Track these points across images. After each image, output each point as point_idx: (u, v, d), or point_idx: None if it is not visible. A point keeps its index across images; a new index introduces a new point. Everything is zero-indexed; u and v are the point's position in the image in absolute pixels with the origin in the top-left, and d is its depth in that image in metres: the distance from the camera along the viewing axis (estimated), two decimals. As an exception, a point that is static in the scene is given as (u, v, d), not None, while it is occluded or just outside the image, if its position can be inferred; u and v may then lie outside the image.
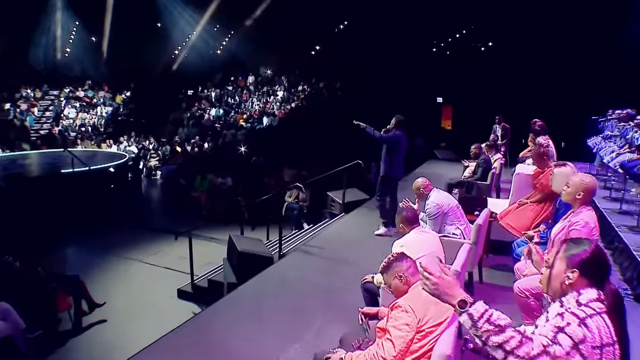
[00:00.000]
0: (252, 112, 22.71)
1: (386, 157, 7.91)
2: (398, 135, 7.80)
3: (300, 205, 11.87)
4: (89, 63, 27.09)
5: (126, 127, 22.21)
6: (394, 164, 7.91)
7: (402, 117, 8.01)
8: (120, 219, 12.42)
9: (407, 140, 8.11)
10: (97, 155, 16.58)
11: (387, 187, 8.08)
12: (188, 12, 27.05)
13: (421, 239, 4.54)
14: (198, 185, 13.35)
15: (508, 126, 12.86)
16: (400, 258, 3.37)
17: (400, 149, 7.92)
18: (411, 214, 4.69)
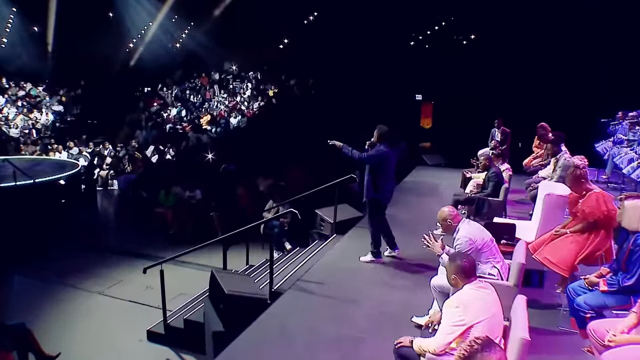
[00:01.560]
0: (218, 113, 21.72)
1: (369, 178, 7.22)
2: (382, 152, 7.10)
3: (281, 222, 11.07)
4: (31, 56, 25.57)
5: (76, 130, 20.92)
6: (379, 186, 7.21)
7: (386, 128, 7.29)
8: (73, 240, 11.40)
9: (395, 156, 7.42)
10: (43, 164, 15.31)
11: (374, 212, 7.38)
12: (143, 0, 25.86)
13: (480, 297, 3.82)
14: (162, 200, 12.37)
15: (508, 130, 12.34)
16: (487, 347, 2.61)
17: (387, 168, 7.24)
18: (468, 264, 3.97)
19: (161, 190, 12.42)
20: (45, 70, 25.55)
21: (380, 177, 7.15)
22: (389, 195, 7.41)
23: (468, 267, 3.95)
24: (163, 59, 26.30)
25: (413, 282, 6.78)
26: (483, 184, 8.96)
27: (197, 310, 7.40)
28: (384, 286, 6.73)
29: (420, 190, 12.07)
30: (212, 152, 15.65)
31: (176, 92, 24.07)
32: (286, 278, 7.15)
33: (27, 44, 25.45)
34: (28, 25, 26.10)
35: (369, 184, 7.20)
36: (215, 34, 25.96)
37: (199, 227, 11.73)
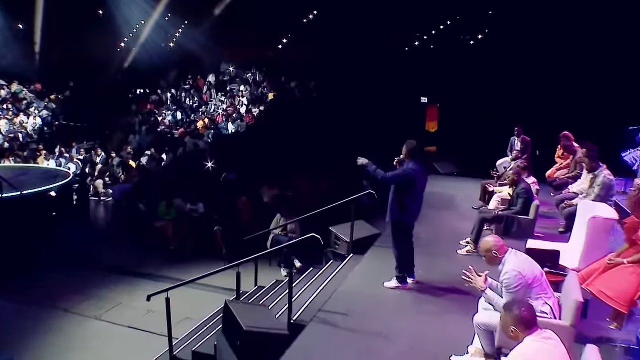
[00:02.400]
0: (215, 117, 21.31)
1: (395, 197, 6.86)
2: (410, 171, 6.74)
3: (290, 237, 10.69)
4: (16, 56, 25.07)
5: (65, 135, 20.45)
6: (405, 206, 6.85)
7: (415, 143, 6.95)
8: (65, 258, 10.95)
9: (425, 173, 7.06)
10: (31, 173, 14.83)
11: (399, 234, 7.01)
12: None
13: (546, 350, 3.45)
14: (162, 213, 11.95)
15: (529, 139, 12.01)
16: None
17: (415, 188, 6.87)
18: (528, 313, 3.60)
19: (161, 203, 11.99)
20: (31, 71, 25.07)
21: (407, 197, 6.80)
22: (416, 214, 7.06)
23: (528, 317, 3.60)
24: (156, 60, 25.89)
25: (444, 310, 6.46)
26: (511, 201, 8.60)
27: (206, 340, 6.98)
28: (413, 316, 6.39)
29: (435, 203, 11.62)
30: (211, 160, 15.19)
31: (171, 94, 23.57)
32: (305, 306, 6.75)
33: (11, 43, 24.94)
34: (13, 23, 25.62)
35: (394, 204, 6.84)
36: (211, 33, 25.61)
37: (201, 243, 11.35)
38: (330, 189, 13.92)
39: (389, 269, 7.32)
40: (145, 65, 24.81)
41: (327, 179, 14.61)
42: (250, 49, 25.90)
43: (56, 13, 24.07)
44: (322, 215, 10.79)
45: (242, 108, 21.62)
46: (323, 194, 13.52)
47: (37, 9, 23.10)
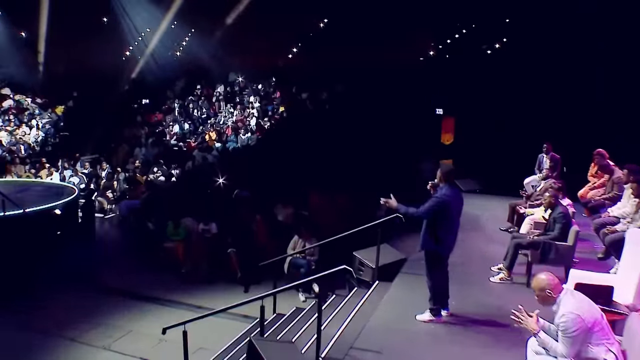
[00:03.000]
0: (224, 129, 21.10)
1: (428, 228, 6.57)
2: (444, 199, 6.46)
3: (308, 260, 10.42)
4: (18, 64, 25.00)
5: (69, 147, 20.25)
6: (440, 237, 6.56)
7: (451, 167, 6.77)
8: (71, 280, 10.69)
9: (460, 199, 6.78)
10: (33, 188, 14.63)
11: (435, 266, 6.74)
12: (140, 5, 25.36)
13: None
14: (171, 233, 11.67)
15: (558, 157, 11.73)
16: None
17: (450, 216, 6.58)
18: None
19: (169, 223, 11.72)
20: (34, 80, 25.00)
21: (442, 227, 6.52)
22: (452, 245, 6.77)
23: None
24: (162, 69, 25.82)
25: (481, 345, 6.21)
26: (547, 225, 8.28)
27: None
28: (450, 353, 6.09)
29: (464, 225, 11.35)
30: (222, 176, 14.93)
31: (178, 105, 23.39)
32: (333, 341, 6.45)
33: (13, 52, 24.87)
34: (15, 31, 25.57)
35: (427, 235, 6.56)
36: (219, 42, 25.53)
37: (215, 265, 11.07)
38: (347, 205, 13.69)
39: (419, 299, 7.05)
40: (151, 74, 24.70)
41: (343, 194, 14.35)
42: (260, 58, 25.77)
43: (59, 21, 23.99)
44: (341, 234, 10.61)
45: (252, 120, 21.37)
46: (340, 211, 13.29)
47: (41, 17, 22.96)
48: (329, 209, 13.42)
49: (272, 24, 24.82)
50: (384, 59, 23.10)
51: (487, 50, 25.36)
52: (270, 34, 25.16)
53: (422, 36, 25.00)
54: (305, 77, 24.33)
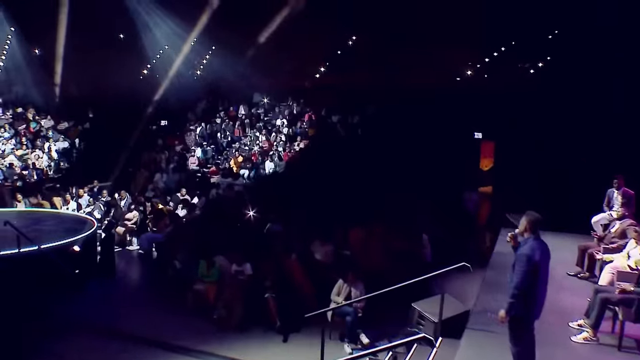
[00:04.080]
0: (250, 154, 20.66)
1: (517, 289, 5.92)
2: (534, 253, 5.85)
3: (355, 308, 9.77)
4: (31, 83, 24.92)
5: (84, 173, 19.87)
6: (530, 300, 5.93)
7: (538, 215, 6.07)
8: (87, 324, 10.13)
9: (547, 253, 6.12)
10: (48, 220, 14.17)
11: (523, 332, 6.08)
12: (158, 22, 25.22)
13: None
14: (203, 273, 11.07)
15: (632, 192, 10.97)
16: None
17: (540, 273, 5.93)
18: None
19: (201, 262, 11.14)
20: (48, 100, 24.84)
21: (533, 289, 5.88)
22: (542, 307, 6.11)
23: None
24: (183, 89, 25.56)
25: None
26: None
27: None
28: None
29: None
30: (252, 208, 14.40)
31: (201, 128, 23.04)
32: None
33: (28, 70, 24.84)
34: (29, 48, 25.56)
35: (516, 298, 5.89)
36: (243, 60, 25.23)
37: (250, 311, 10.45)
38: (389, 239, 13.08)
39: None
40: (170, 94, 24.44)
41: (383, 227, 13.76)
42: (286, 78, 25.49)
43: (76, 39, 23.94)
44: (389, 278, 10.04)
45: (280, 145, 20.92)
46: (384, 247, 12.67)
47: (58, 35, 22.83)
48: (371, 245, 12.79)
49: (299, 41, 24.61)
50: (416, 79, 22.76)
51: (530, 70, 24.89)
52: (297, 52, 24.92)
53: (458, 54, 24.59)
54: (335, 98, 23.96)
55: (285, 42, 24.50)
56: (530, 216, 6.06)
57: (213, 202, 16.83)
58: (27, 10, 22.77)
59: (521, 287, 5.81)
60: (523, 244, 5.99)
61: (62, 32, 23.05)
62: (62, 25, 22.83)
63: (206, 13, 23.65)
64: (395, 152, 18.61)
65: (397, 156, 18.30)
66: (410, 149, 18.62)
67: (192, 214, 15.44)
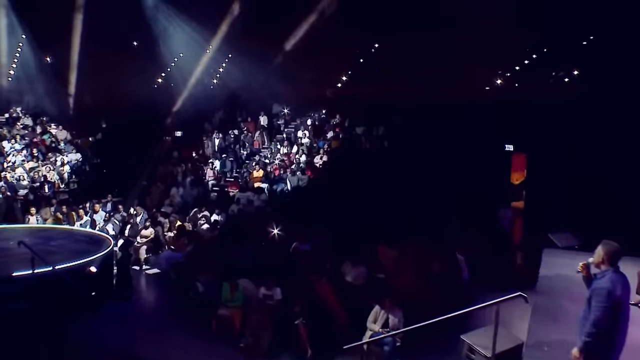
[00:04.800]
0: (272, 167, 20.28)
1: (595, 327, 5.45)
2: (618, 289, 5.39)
3: (393, 337, 9.31)
4: (43, 92, 24.83)
5: (98, 186, 19.63)
6: (607, 338, 5.44)
7: (616, 246, 5.56)
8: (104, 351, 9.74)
9: (627, 287, 5.64)
10: (61, 237, 13.82)
11: None
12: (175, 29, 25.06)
13: None
14: (226, 297, 10.65)
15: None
16: None
17: (622, 309, 5.46)
18: None
19: (225, 284, 10.72)
20: (60, 110, 24.73)
21: (614, 328, 5.39)
22: (622, 346, 5.61)
23: None
24: (199, 98, 25.34)
25: None
26: None
27: None
28: None
29: (575, 294, 10.10)
30: (277, 225, 13.97)
31: (219, 140, 22.72)
32: None
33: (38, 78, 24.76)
34: (41, 56, 25.52)
35: (595, 339, 5.41)
36: (261, 68, 24.96)
37: (279, 338, 10.03)
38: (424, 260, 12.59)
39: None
40: (188, 104, 24.25)
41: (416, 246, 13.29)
42: (308, 87, 25.20)
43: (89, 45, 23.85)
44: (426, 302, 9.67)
45: (302, 157, 20.53)
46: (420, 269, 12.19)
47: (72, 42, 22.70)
48: (405, 266, 12.31)
49: (321, 50, 24.35)
50: (443, 88, 22.39)
51: (564, 78, 24.43)
52: (319, 61, 24.63)
53: (487, 62, 24.19)
54: (358, 109, 23.60)
55: (307, 50, 24.24)
56: (608, 246, 5.58)
57: (233, 218, 16.42)
58: (40, 17, 22.66)
59: (601, 325, 5.33)
60: (600, 277, 5.53)
61: (77, 40, 22.92)
62: (76, 33, 22.71)
63: (226, 20, 23.43)
64: (423, 166, 18.19)
65: (425, 170, 17.89)
66: (438, 162, 18.21)
67: (213, 231, 15.02)
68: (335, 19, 23.03)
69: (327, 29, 23.48)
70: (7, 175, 19.91)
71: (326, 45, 24.46)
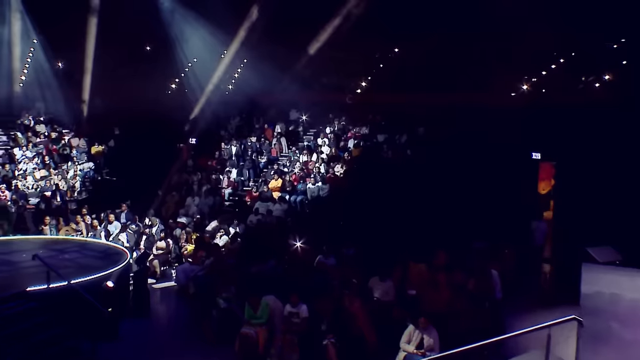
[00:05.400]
0: (290, 176, 19.96)
1: None
2: None
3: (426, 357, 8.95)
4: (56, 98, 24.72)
5: (111, 195, 19.40)
6: None
7: None
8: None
9: None
10: (76, 249, 13.61)
11: None
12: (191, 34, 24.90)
13: None
14: (251, 315, 10.27)
15: None
16: None
17: None
18: None
19: (248, 301, 10.36)
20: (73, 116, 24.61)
21: None
22: None
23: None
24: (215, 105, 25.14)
25: None
26: None
27: None
28: None
29: (623, 316, 9.65)
30: (300, 238, 13.63)
31: (236, 147, 22.44)
32: None
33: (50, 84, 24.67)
34: (53, 61, 25.43)
35: None
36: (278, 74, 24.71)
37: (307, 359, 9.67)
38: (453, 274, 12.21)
39: None
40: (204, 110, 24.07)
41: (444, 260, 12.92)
42: (326, 93, 24.93)
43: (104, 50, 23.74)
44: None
45: (322, 166, 20.20)
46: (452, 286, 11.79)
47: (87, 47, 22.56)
48: (436, 282, 11.90)
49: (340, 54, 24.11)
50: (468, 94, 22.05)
51: (595, 83, 23.96)
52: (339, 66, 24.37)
53: (513, 67, 23.80)
54: (380, 116, 23.32)
55: (326, 55, 23.99)
56: None
57: (253, 230, 16.12)
58: (54, 22, 22.57)
59: None
60: None
61: (91, 45, 22.73)
62: (90, 37, 22.54)
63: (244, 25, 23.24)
64: (447, 175, 17.86)
65: (451, 179, 17.55)
66: (464, 171, 17.87)
67: (232, 244, 14.72)
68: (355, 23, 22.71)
69: (346, 33, 23.20)
70: (18, 184, 19.77)
71: (345, 50, 24.19)
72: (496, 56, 22.49)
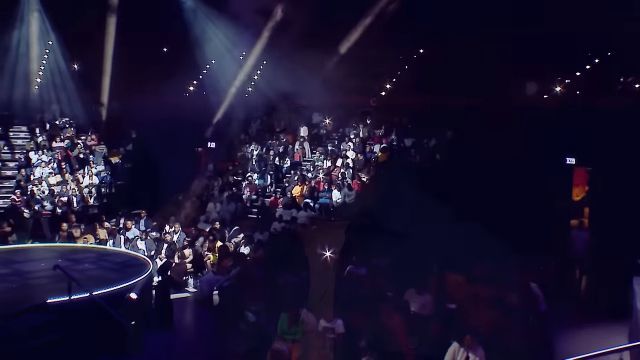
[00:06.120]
0: (314, 182, 19.67)
1: None
2: None
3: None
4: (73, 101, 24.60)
5: (129, 201, 19.21)
6: None
7: None
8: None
9: None
10: (96, 259, 13.35)
11: None
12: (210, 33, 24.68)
13: None
14: (284, 330, 9.91)
15: None
16: None
17: None
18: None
19: (283, 315, 9.98)
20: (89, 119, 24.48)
21: None
22: None
23: None
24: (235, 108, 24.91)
25: None
26: None
27: None
28: None
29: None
30: (329, 247, 13.24)
31: (258, 151, 22.19)
32: None
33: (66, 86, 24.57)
34: (69, 62, 25.33)
35: None
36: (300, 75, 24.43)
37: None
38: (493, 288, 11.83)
39: None
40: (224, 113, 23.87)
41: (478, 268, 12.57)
42: (351, 96, 24.60)
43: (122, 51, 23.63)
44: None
45: (347, 171, 19.87)
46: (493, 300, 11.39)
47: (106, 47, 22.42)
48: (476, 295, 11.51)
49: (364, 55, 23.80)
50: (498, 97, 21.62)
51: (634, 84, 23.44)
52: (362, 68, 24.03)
53: (545, 68, 23.38)
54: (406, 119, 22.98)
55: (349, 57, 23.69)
56: None
57: (278, 238, 15.80)
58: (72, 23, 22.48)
59: None
60: None
61: (110, 45, 22.59)
62: (109, 38, 22.40)
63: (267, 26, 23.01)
64: (479, 181, 17.50)
65: (482, 185, 17.19)
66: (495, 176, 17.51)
67: (256, 252, 14.40)
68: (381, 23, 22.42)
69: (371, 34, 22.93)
70: (34, 189, 19.61)
71: (369, 51, 23.87)
72: (529, 56, 22.05)
